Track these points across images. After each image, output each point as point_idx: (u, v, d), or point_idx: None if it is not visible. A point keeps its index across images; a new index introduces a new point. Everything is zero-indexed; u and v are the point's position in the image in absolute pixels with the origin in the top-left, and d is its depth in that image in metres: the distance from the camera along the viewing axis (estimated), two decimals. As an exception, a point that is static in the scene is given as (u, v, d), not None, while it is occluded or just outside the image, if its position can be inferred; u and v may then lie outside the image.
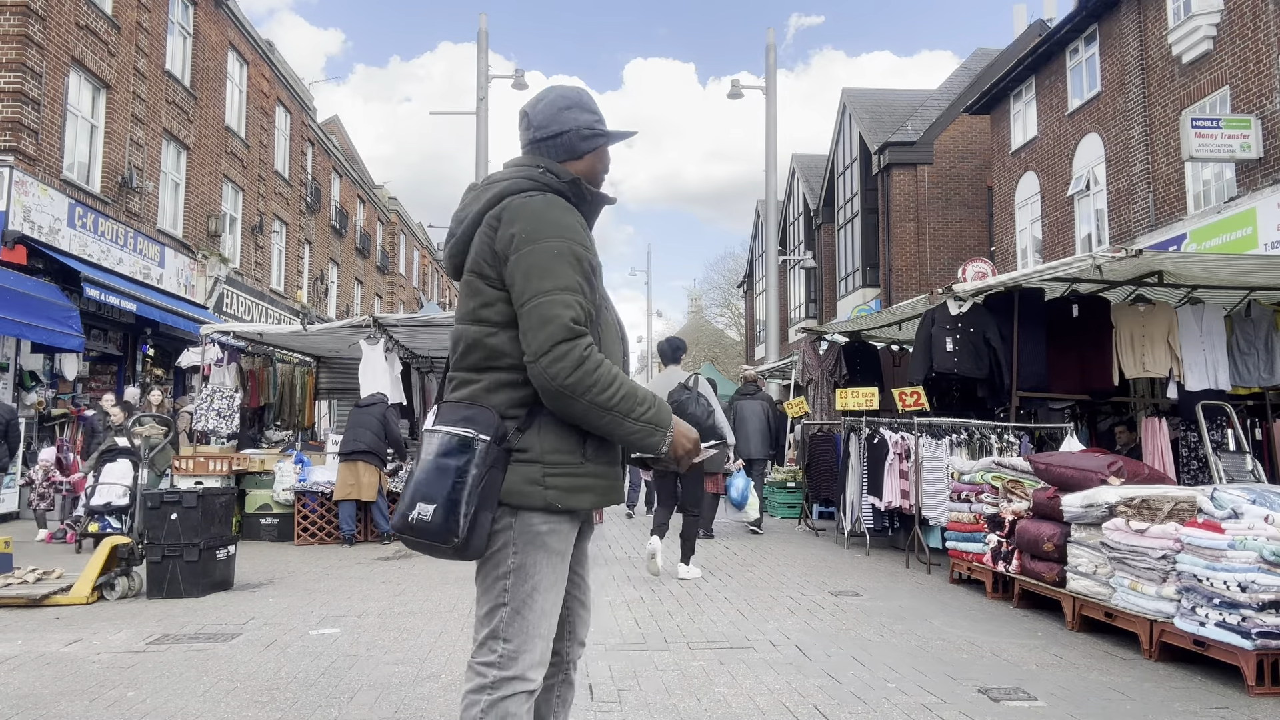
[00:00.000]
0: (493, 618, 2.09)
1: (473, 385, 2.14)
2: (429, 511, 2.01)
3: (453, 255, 2.23)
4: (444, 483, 2.02)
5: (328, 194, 28.79)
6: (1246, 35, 13.14)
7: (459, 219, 2.23)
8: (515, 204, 2.12)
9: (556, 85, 2.34)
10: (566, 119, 2.28)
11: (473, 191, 2.27)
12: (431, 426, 2.10)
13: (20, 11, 12.95)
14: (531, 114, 2.28)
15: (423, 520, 2.02)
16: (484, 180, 2.27)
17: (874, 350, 11.05)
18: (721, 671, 4.44)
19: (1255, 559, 4.16)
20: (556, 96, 2.30)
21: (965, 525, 6.86)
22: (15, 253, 12.42)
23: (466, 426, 2.05)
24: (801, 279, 33.64)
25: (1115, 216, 16.43)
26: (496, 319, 2.12)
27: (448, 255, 2.26)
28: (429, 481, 2.03)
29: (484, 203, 2.17)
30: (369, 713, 3.81)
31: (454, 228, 2.24)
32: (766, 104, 20.16)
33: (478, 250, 2.14)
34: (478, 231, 2.15)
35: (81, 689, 4.16)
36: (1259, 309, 8.17)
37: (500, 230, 2.10)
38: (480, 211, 2.17)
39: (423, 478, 2.04)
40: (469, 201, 2.24)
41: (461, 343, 2.17)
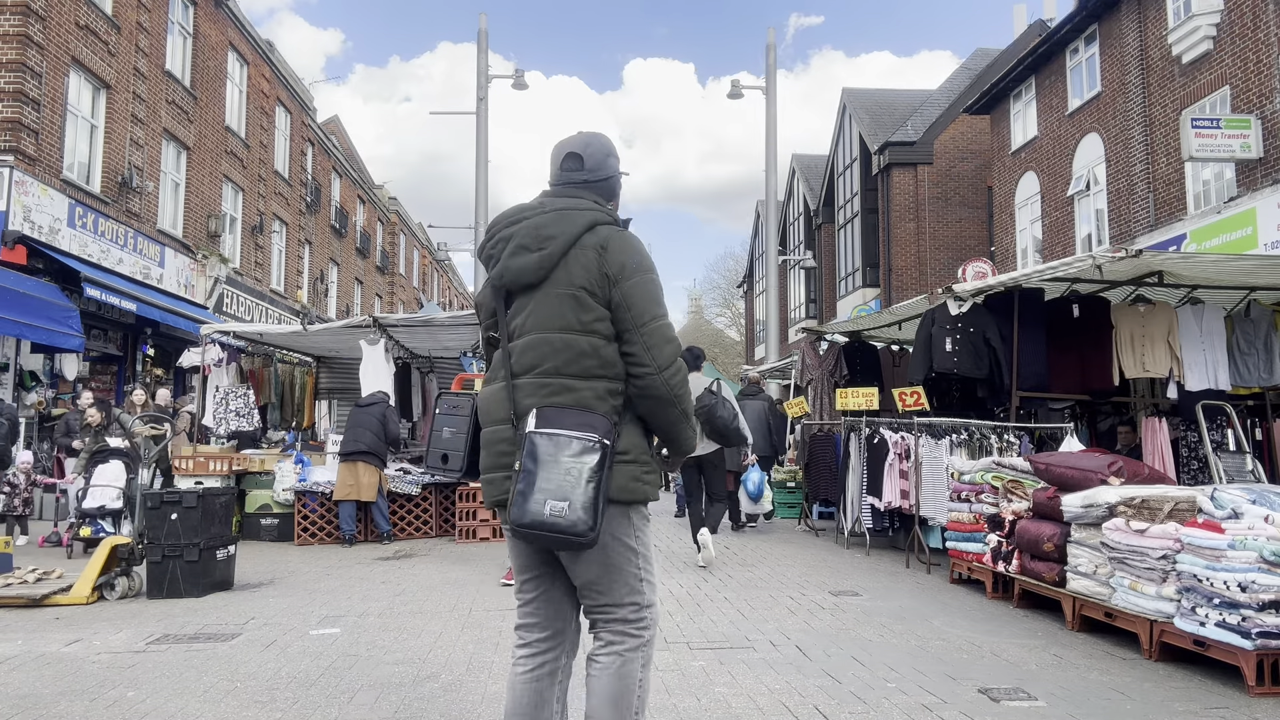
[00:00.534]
0: (636, 593, 2.45)
1: (578, 391, 2.34)
2: (563, 509, 2.21)
3: (542, 267, 2.38)
4: (576, 483, 2.22)
5: (328, 194, 28.80)
6: (1246, 35, 13.14)
7: (542, 236, 2.40)
8: (617, 235, 2.42)
9: (596, 133, 2.63)
10: (611, 166, 2.61)
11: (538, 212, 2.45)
12: (547, 430, 2.27)
13: (20, 11, 12.96)
14: (585, 156, 2.57)
15: (558, 517, 2.21)
16: (551, 204, 2.48)
17: (874, 350, 11.05)
18: (721, 671, 4.44)
19: (1255, 559, 4.16)
20: (604, 143, 2.62)
21: (965, 525, 6.85)
22: (15, 253, 12.43)
23: (590, 431, 2.27)
24: (801, 279, 33.64)
25: (1115, 216, 16.43)
26: (606, 333, 2.38)
27: (535, 266, 2.38)
28: (559, 482, 2.22)
29: (579, 227, 2.40)
30: (369, 713, 3.81)
31: (531, 242, 2.40)
32: (766, 104, 20.16)
33: (584, 269, 2.36)
34: (575, 252, 2.38)
35: (81, 689, 4.16)
36: (1259, 309, 8.17)
37: (609, 257, 2.37)
38: (576, 234, 2.39)
39: (552, 478, 2.22)
40: (550, 221, 2.42)
41: (567, 350, 2.35)
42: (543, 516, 2.21)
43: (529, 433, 2.28)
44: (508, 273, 2.42)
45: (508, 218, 2.50)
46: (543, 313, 2.38)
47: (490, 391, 2.50)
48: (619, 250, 2.39)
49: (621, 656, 2.40)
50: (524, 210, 2.49)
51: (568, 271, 2.37)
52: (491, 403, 2.48)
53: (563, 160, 2.57)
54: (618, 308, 2.37)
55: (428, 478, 10.15)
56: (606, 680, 2.38)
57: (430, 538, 10.08)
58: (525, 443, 2.27)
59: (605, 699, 2.37)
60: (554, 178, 2.59)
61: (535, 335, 2.37)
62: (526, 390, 2.37)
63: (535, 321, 2.38)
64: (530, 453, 2.25)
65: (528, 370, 2.38)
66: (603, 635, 2.45)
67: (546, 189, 2.60)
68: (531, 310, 2.39)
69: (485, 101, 18.81)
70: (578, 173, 2.55)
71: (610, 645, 2.42)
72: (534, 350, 2.37)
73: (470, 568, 7.77)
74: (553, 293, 2.37)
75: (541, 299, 2.38)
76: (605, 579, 2.42)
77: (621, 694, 2.38)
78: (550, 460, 2.23)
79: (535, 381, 2.36)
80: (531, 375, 2.37)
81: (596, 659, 2.42)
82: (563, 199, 2.48)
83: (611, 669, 2.39)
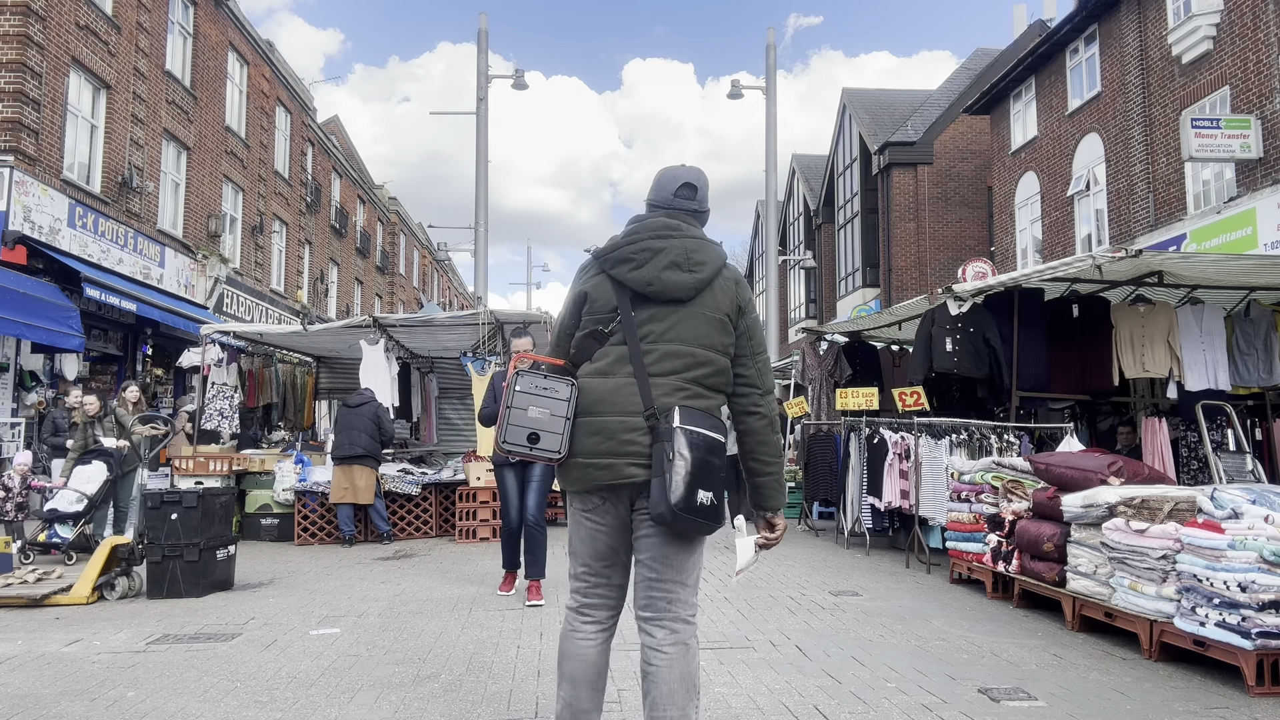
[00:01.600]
0: (694, 573, 2.73)
1: (709, 399, 2.67)
2: (708, 498, 2.49)
3: (695, 288, 2.69)
4: (715, 476, 2.53)
5: (328, 194, 28.79)
6: (1246, 35, 13.14)
7: (694, 260, 2.70)
8: (741, 275, 2.84)
9: (700, 169, 2.91)
10: (708, 200, 2.90)
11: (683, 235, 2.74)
12: (689, 426, 2.52)
13: (20, 11, 12.95)
14: (699, 187, 2.85)
15: (705, 505, 2.49)
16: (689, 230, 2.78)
17: (874, 350, 11.05)
18: (721, 671, 4.44)
19: (1255, 559, 4.16)
20: (708, 181, 2.91)
21: (965, 525, 6.85)
22: (15, 253, 12.42)
23: (720, 434, 2.58)
24: (801, 279, 33.64)
25: (1115, 216, 16.42)
26: (732, 354, 2.74)
27: (691, 285, 2.68)
28: (705, 474, 2.50)
29: (720, 260, 2.76)
30: (369, 713, 3.81)
31: (684, 263, 2.69)
32: (767, 104, 20.15)
33: (726, 298, 2.72)
34: (719, 281, 2.73)
35: (81, 689, 4.16)
36: (1259, 309, 8.16)
37: (740, 292, 2.77)
38: (719, 266, 2.74)
39: (700, 470, 2.49)
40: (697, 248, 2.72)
41: (709, 365, 2.68)
42: (696, 503, 2.47)
43: (679, 427, 2.51)
44: (658, 283, 2.66)
45: (652, 230, 2.73)
46: (689, 327, 2.67)
47: (613, 385, 2.65)
48: (745, 288, 2.82)
49: (686, 646, 2.63)
50: (666, 228, 2.74)
51: (714, 297, 2.70)
52: (618, 394, 2.63)
53: (679, 188, 2.82)
54: (741, 335, 2.75)
55: (428, 477, 10.15)
56: (679, 669, 2.59)
57: (430, 538, 10.08)
58: (675, 436, 2.50)
59: (678, 684, 2.58)
60: (665, 200, 2.82)
61: (680, 345, 2.65)
62: (665, 389, 2.61)
63: (680, 333, 2.66)
64: (684, 446, 2.49)
65: (669, 373, 2.63)
66: (665, 624, 2.64)
67: (657, 210, 2.83)
68: (676, 322, 2.67)
69: (485, 101, 18.80)
70: (690, 202, 2.82)
71: (675, 635, 2.63)
72: (679, 358, 2.65)
73: (470, 568, 7.77)
74: (700, 313, 2.68)
75: (689, 315, 2.67)
76: (683, 557, 2.68)
77: (691, 678, 2.62)
78: (699, 455, 2.50)
79: (675, 383, 2.63)
80: (673, 378, 2.63)
81: (662, 649, 2.60)
82: (693, 228, 2.79)
83: (679, 658, 2.60)
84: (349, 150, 36.41)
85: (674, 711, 2.57)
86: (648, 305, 2.68)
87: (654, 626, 2.64)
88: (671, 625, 2.64)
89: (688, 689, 2.59)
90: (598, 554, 2.73)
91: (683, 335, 2.66)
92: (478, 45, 19.07)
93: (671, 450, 2.48)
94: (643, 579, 2.69)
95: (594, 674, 2.70)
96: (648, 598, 2.67)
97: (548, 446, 2.65)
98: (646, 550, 2.68)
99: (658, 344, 2.65)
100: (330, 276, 29.11)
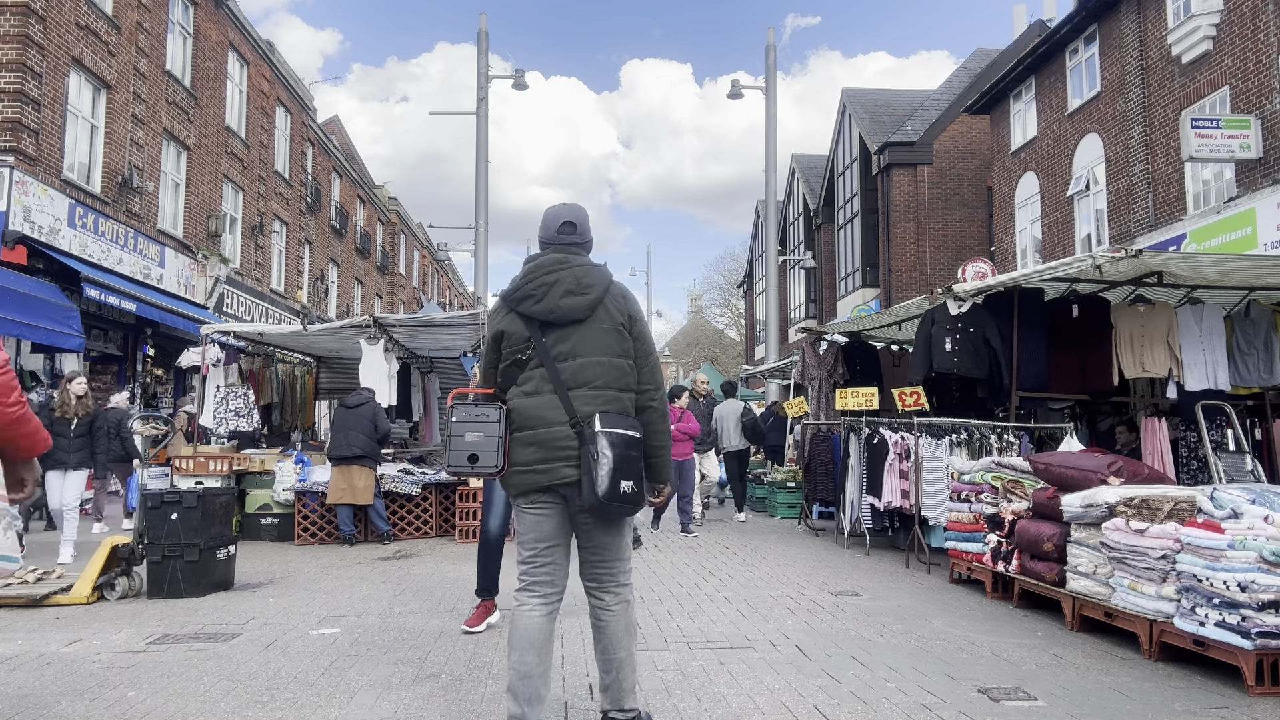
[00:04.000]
0: (625, 550, 3.30)
1: (622, 401, 3.20)
2: (629, 486, 3.01)
3: (590, 307, 3.21)
4: (633, 466, 3.05)
5: (328, 194, 28.79)
6: (1246, 35, 13.14)
7: (584, 284, 3.22)
8: (627, 289, 3.37)
9: (578, 205, 3.44)
10: (589, 230, 3.43)
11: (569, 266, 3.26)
12: (608, 429, 3.04)
13: (20, 11, 12.95)
14: (579, 225, 3.37)
15: (628, 492, 3.01)
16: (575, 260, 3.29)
17: (874, 350, 11.05)
18: (721, 671, 4.44)
19: (1255, 559, 4.16)
20: (586, 215, 3.42)
21: (965, 525, 6.85)
22: (15, 253, 12.42)
23: (635, 430, 3.14)
24: (801, 279, 33.62)
25: (1115, 216, 16.42)
26: (631, 357, 3.27)
27: (586, 306, 3.20)
28: (625, 466, 3.02)
29: (606, 280, 3.29)
30: (369, 713, 3.81)
31: (576, 288, 3.20)
32: (766, 103, 20.16)
33: (618, 311, 3.25)
34: (608, 298, 3.25)
35: (81, 689, 4.16)
36: (1259, 309, 8.16)
37: (628, 305, 3.31)
38: (606, 285, 3.27)
39: (620, 464, 3.00)
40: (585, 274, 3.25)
41: (615, 370, 3.20)
42: (620, 492, 2.98)
43: (600, 430, 3.03)
44: (558, 310, 3.17)
45: (544, 268, 3.25)
46: (592, 342, 3.18)
47: (540, 402, 3.14)
48: (632, 300, 3.36)
49: (628, 602, 3.27)
50: (555, 264, 3.25)
51: (607, 312, 3.23)
52: (544, 409, 3.13)
53: (560, 226, 3.35)
54: (636, 340, 3.29)
55: (428, 477, 10.14)
56: (623, 619, 3.24)
57: (430, 538, 10.08)
58: (598, 439, 3.01)
59: (623, 631, 3.22)
60: (551, 238, 3.34)
61: (589, 358, 3.16)
62: (584, 399, 3.12)
63: (587, 348, 3.17)
64: (605, 446, 3.00)
65: (584, 384, 3.14)
66: (610, 590, 3.24)
67: (547, 248, 3.35)
68: (580, 340, 3.17)
69: (485, 102, 18.81)
70: (572, 235, 3.35)
71: (619, 596, 3.25)
72: (590, 369, 3.15)
73: (470, 568, 7.76)
74: (598, 327, 3.19)
75: (588, 331, 3.18)
76: (618, 541, 3.26)
77: (631, 626, 3.27)
78: (619, 451, 3.01)
79: (591, 393, 3.13)
80: (587, 388, 3.14)
81: (611, 609, 3.22)
82: (578, 257, 3.31)
83: (621, 611, 3.24)
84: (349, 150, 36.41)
85: (622, 652, 3.20)
86: (554, 330, 3.19)
87: (601, 593, 3.25)
88: (615, 590, 3.25)
89: (630, 633, 3.25)
90: (543, 537, 3.19)
91: (589, 349, 3.17)
92: (478, 46, 19.08)
93: (596, 451, 2.99)
94: (586, 560, 3.25)
95: (540, 640, 3.12)
96: (593, 574, 3.25)
97: (486, 463, 3.12)
98: (586, 537, 3.23)
99: (569, 360, 3.16)
100: (330, 276, 29.11)
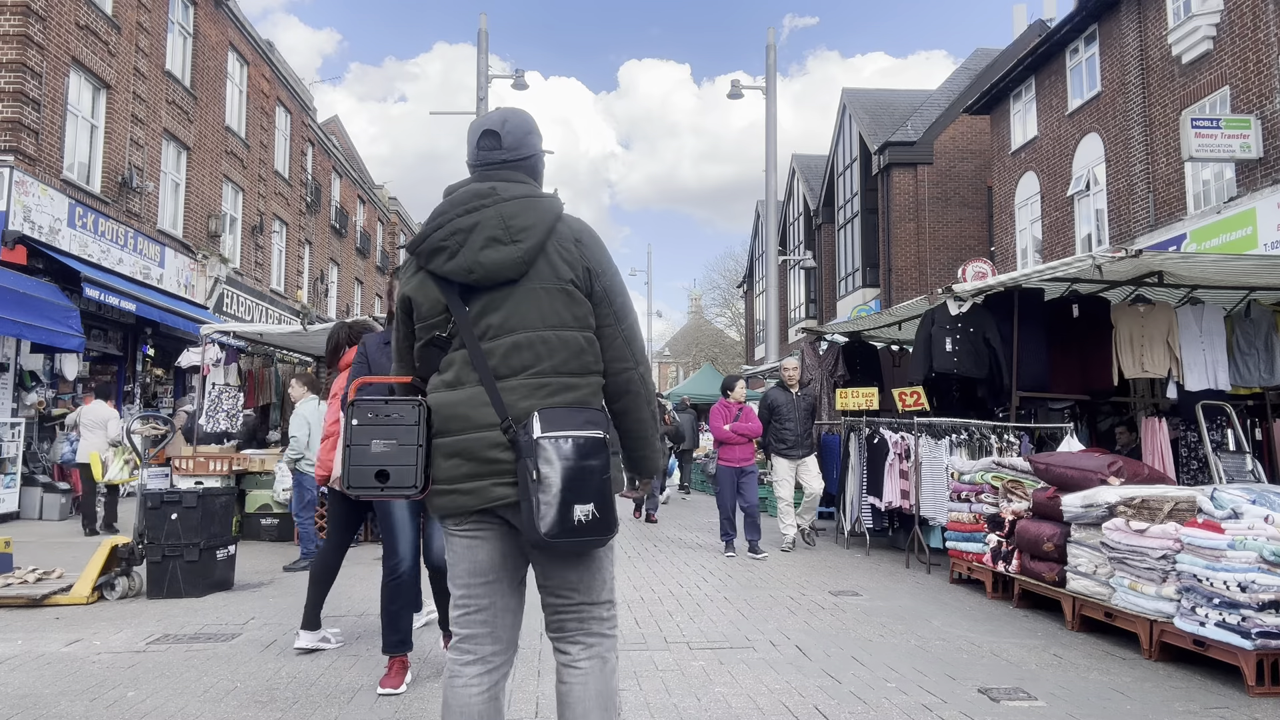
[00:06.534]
0: (610, 590, 2.35)
1: (578, 390, 2.23)
2: (590, 511, 2.08)
3: (525, 261, 2.23)
4: (592, 482, 2.10)
5: (328, 194, 28.79)
6: (1246, 35, 13.14)
7: (514, 228, 2.23)
8: (586, 227, 2.36)
9: (515, 108, 2.43)
10: (532, 144, 2.41)
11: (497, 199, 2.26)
12: (553, 434, 2.10)
13: (20, 11, 12.95)
14: (502, 134, 2.36)
15: (584, 522, 2.08)
16: (507, 190, 2.28)
17: (874, 350, 11.04)
18: (721, 671, 4.44)
19: (1255, 559, 4.16)
20: (523, 119, 2.41)
21: (965, 525, 6.85)
22: (15, 253, 12.42)
23: (594, 429, 2.14)
24: (801, 279, 33.64)
25: (1115, 216, 16.42)
26: (592, 326, 2.30)
27: (517, 260, 2.22)
28: (578, 484, 2.08)
29: (550, 216, 2.28)
30: (369, 713, 3.81)
31: (503, 234, 2.23)
32: (766, 103, 20.15)
33: (568, 264, 2.26)
34: (552, 244, 2.26)
35: (81, 689, 4.16)
36: (1259, 309, 8.16)
37: (586, 250, 2.30)
38: (550, 225, 2.27)
39: (572, 482, 2.07)
40: (517, 210, 2.25)
41: (564, 348, 2.23)
42: (574, 523, 2.06)
43: (539, 438, 2.09)
44: (479, 268, 2.20)
45: (459, 205, 2.26)
46: (531, 309, 2.22)
47: (462, 396, 2.22)
48: (594, 243, 2.33)
49: (603, 659, 2.29)
50: (476, 196, 2.26)
51: (551, 265, 2.24)
52: (468, 408, 2.20)
53: (479, 139, 2.37)
54: (600, 301, 2.30)
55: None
56: (594, 686, 2.25)
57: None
58: (537, 450, 2.08)
59: (595, 704, 2.24)
60: (472, 158, 2.40)
61: (525, 334, 2.21)
62: (521, 392, 2.18)
63: (522, 319, 2.21)
64: (547, 459, 2.07)
65: (519, 371, 2.20)
66: (579, 640, 2.28)
67: (475, 174, 2.39)
68: (514, 308, 2.22)
69: (485, 102, 18.81)
70: (497, 152, 2.36)
71: (590, 648, 2.28)
72: (528, 350, 2.20)
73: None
74: (538, 288, 2.22)
75: (524, 295, 2.22)
76: (587, 578, 2.29)
77: (609, 696, 2.27)
78: (569, 465, 2.07)
79: (531, 383, 2.19)
80: (525, 376, 2.20)
81: (576, 666, 2.26)
82: (513, 185, 2.30)
83: (595, 673, 2.26)
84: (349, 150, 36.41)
85: None
86: (479, 295, 2.24)
87: (566, 644, 2.29)
88: (585, 640, 2.29)
89: (605, 709, 2.24)
90: (476, 569, 2.28)
91: (526, 320, 2.21)
92: (478, 46, 19.08)
93: (535, 466, 2.07)
94: (546, 603, 2.32)
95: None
96: (555, 620, 2.31)
97: (401, 482, 2.21)
98: (541, 574, 2.30)
99: (500, 338, 2.22)
100: (330, 276, 29.11)
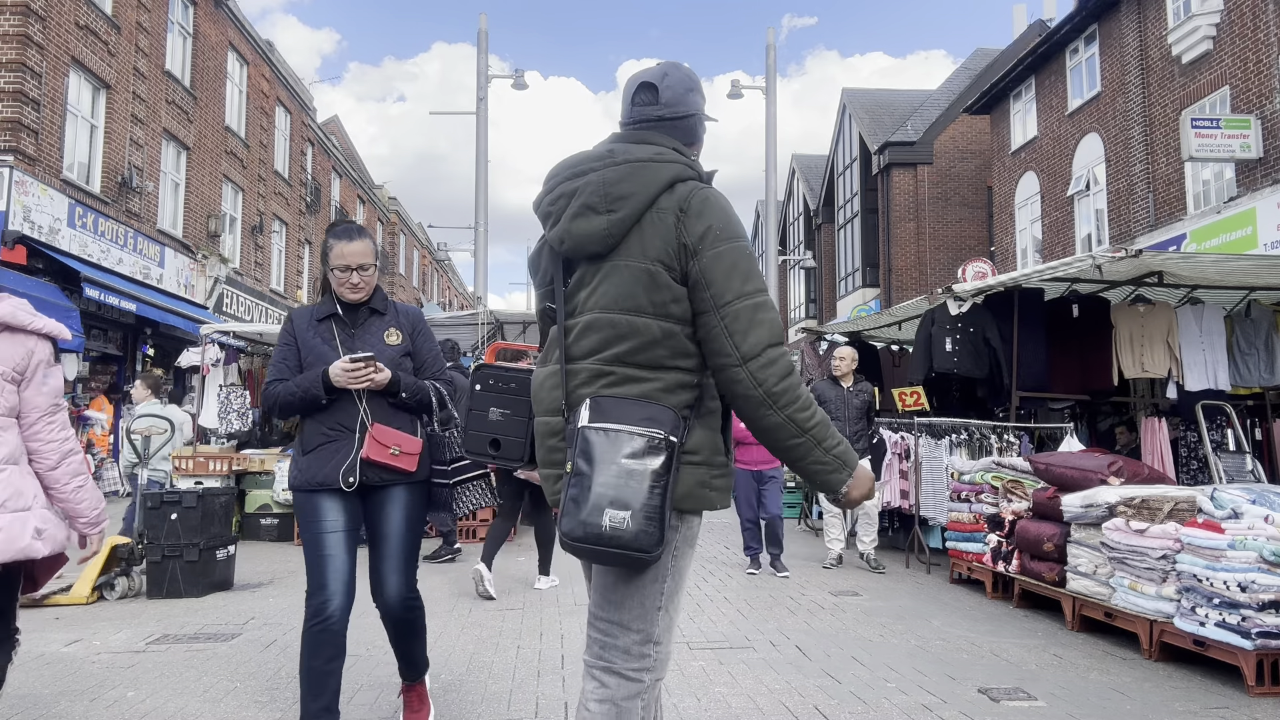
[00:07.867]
0: (647, 621, 2.00)
1: (646, 383, 1.95)
2: (624, 519, 1.82)
3: (611, 234, 1.96)
4: (639, 488, 1.84)
5: (328, 194, 28.80)
6: (1246, 35, 13.14)
7: (612, 196, 1.96)
8: (699, 195, 1.97)
9: (676, 63, 2.17)
10: (693, 102, 2.13)
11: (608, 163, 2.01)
12: (602, 425, 1.88)
13: (20, 11, 12.95)
14: (661, 88, 2.09)
15: (617, 528, 1.82)
16: (625, 152, 2.02)
17: (874, 350, 11.05)
18: (721, 671, 4.44)
19: (1255, 559, 4.16)
20: (684, 75, 2.14)
21: (965, 525, 6.86)
22: (15, 253, 12.43)
23: (654, 427, 1.88)
24: (801, 279, 33.66)
25: (1115, 216, 16.43)
26: (682, 316, 1.96)
27: (603, 233, 1.97)
28: (619, 486, 1.83)
29: (658, 184, 1.97)
30: (369, 713, 3.81)
31: (599, 203, 1.97)
32: (766, 103, 20.16)
33: (662, 239, 1.94)
34: (651, 215, 1.96)
35: (81, 689, 4.15)
36: (1259, 309, 8.17)
37: (688, 222, 1.94)
38: (654, 194, 1.96)
39: (610, 482, 1.83)
40: (623, 175, 1.98)
41: (634, 336, 1.95)
42: (599, 529, 1.82)
43: (582, 428, 1.89)
44: (569, 238, 2.01)
45: (570, 168, 2.06)
46: (610, 289, 1.98)
47: (543, 375, 2.11)
48: (699, 214, 1.95)
49: (617, 707, 1.96)
50: (590, 159, 2.04)
51: (641, 240, 1.96)
52: (542, 388, 2.09)
53: (635, 93, 2.11)
54: (695, 285, 1.94)
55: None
56: None
57: (430, 537, 10.07)
58: (578, 440, 1.88)
59: None
60: (624, 115, 2.15)
61: (598, 314, 1.99)
62: (581, 377, 2.00)
63: (600, 299, 1.99)
64: (584, 452, 1.86)
65: (587, 355, 2.00)
66: (594, 674, 2.01)
67: (617, 131, 2.15)
68: (598, 285, 2.00)
69: (485, 101, 18.81)
70: (651, 107, 2.09)
71: (604, 689, 1.99)
72: (596, 332, 1.99)
73: (470, 567, 7.76)
74: (623, 265, 1.97)
75: (610, 272, 1.98)
76: (622, 592, 2.00)
77: None
78: (611, 463, 1.85)
79: (594, 368, 1.98)
80: (590, 360, 1.99)
81: (586, 707, 2.00)
82: (639, 145, 2.03)
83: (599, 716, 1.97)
84: (349, 150, 36.42)
85: None
86: (577, 268, 2.06)
87: (586, 675, 2.03)
88: (602, 677, 1.99)
89: None
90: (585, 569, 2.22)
91: (604, 301, 1.99)
92: (478, 46, 19.08)
93: (571, 459, 1.89)
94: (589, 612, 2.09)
95: None
96: (588, 636, 2.06)
97: (509, 454, 2.19)
98: (590, 573, 2.11)
99: (578, 316, 2.04)
100: (330, 276, 29.11)
